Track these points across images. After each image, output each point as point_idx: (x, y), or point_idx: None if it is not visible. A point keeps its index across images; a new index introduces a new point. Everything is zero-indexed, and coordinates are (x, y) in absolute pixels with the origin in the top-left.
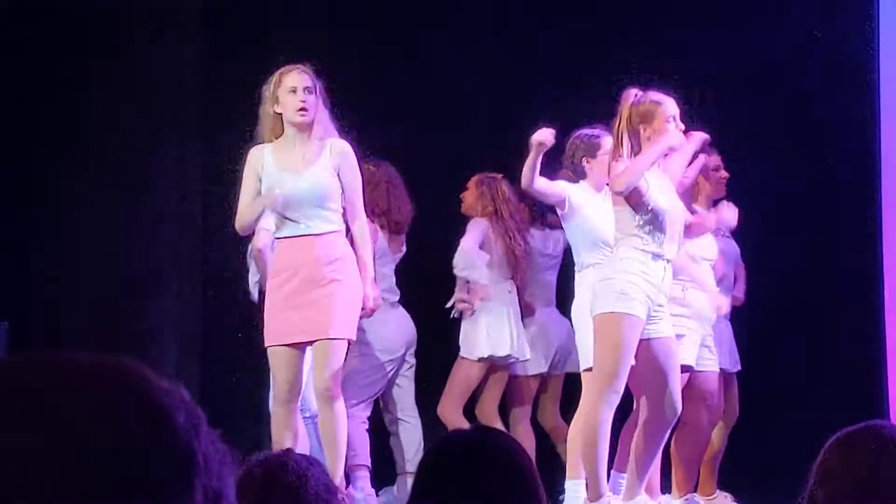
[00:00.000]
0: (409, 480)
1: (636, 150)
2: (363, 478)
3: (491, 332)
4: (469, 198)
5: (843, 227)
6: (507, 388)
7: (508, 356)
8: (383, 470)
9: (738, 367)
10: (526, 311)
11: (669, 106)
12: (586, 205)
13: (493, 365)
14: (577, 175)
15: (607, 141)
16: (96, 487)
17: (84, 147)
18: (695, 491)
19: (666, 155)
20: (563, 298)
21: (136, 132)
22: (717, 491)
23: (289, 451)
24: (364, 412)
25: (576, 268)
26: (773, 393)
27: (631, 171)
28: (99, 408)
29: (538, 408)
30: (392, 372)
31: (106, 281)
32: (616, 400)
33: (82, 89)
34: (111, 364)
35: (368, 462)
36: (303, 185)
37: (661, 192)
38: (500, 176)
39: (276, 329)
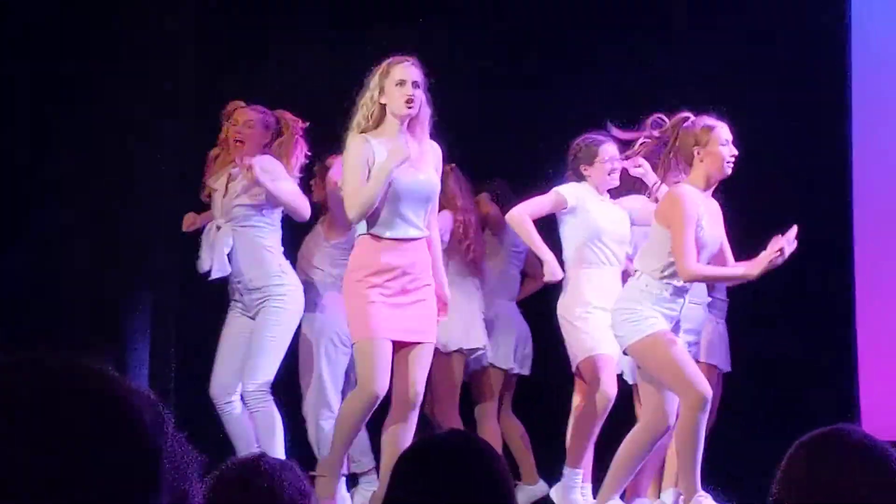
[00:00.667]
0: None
1: (684, 171)
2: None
3: (464, 325)
4: None
5: (818, 234)
6: (474, 383)
7: (477, 349)
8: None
9: (729, 369)
10: (488, 305)
11: (723, 131)
12: (588, 201)
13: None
14: (579, 178)
15: (605, 149)
16: (62, 484)
17: (50, 145)
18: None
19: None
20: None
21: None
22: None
23: (262, 455)
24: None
25: (565, 264)
26: (746, 395)
27: None
28: (66, 407)
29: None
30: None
31: (77, 281)
32: (705, 403)
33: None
34: (78, 365)
35: (346, 469)
36: (422, 180)
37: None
38: (447, 169)
39: (382, 324)
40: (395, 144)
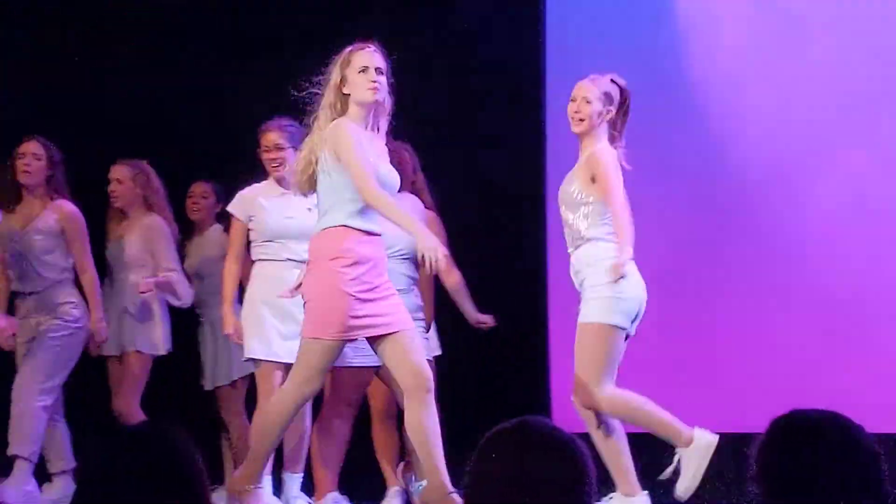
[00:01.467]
0: (65, 479)
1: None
2: (25, 471)
3: (166, 328)
4: (125, 191)
5: (512, 234)
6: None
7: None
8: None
9: (436, 353)
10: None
11: None
12: (257, 204)
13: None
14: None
15: (264, 137)
16: None
17: None
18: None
19: None
20: None
21: None
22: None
23: None
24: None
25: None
26: (443, 388)
27: None
28: None
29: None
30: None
31: None
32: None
33: None
34: None
35: (36, 458)
36: (395, 177)
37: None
38: (146, 162)
39: (350, 323)
40: (365, 137)
